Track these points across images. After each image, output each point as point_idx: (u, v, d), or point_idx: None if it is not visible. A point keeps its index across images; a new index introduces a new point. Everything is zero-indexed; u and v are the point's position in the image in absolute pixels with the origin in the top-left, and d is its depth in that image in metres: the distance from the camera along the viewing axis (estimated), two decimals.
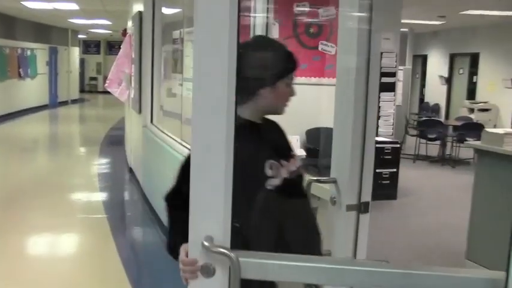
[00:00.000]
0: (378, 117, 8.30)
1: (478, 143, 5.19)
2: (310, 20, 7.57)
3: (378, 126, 8.29)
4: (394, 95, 8.55)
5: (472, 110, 14.78)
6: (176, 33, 5.62)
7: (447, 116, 16.90)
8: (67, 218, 6.66)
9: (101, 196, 7.86)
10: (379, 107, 8.30)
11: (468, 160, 11.47)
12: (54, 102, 21.10)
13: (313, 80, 7.98)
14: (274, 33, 7.39)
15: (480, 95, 15.49)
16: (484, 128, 11.75)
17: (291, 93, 2.15)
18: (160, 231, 5.96)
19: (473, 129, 11.44)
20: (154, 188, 6.59)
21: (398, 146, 7.97)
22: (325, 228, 2.50)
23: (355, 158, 2.44)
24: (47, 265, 5.23)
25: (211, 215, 1.66)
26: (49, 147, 13.39)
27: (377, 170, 7.69)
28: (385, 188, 7.77)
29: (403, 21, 9.56)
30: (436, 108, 17.65)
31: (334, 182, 2.52)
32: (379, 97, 8.31)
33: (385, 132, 8.32)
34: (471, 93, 16.07)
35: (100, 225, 6.35)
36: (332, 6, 7.11)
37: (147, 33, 7.08)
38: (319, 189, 2.71)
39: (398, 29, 8.53)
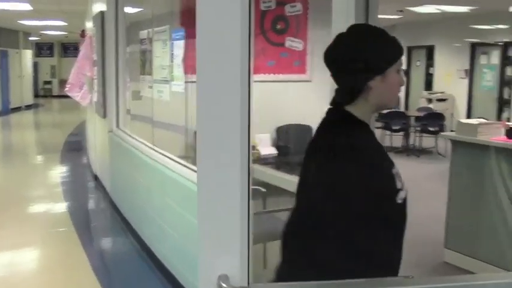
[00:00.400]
0: None
1: (453, 133, 5.23)
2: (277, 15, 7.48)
3: None
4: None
5: (430, 100, 15.04)
6: (144, 33, 5.45)
7: (407, 107, 17.09)
8: (32, 234, 6.26)
9: (66, 206, 7.47)
10: None
11: (431, 149, 11.69)
12: (6, 109, 20.32)
13: (281, 76, 7.90)
14: None
15: (437, 86, 15.82)
16: (444, 117, 11.95)
17: (401, 81, 1.90)
18: (132, 238, 5.80)
19: (435, 119, 11.62)
20: (123, 196, 6.41)
21: None
22: None
23: None
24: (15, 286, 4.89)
25: (226, 250, 1.42)
26: (4, 157, 12.34)
27: None
28: None
29: None
30: None
31: None
32: None
33: None
34: (428, 84, 16.36)
35: (68, 237, 6.03)
36: (298, 2, 7.03)
37: (110, 34, 6.88)
38: None
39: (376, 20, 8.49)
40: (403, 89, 17.24)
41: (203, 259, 1.45)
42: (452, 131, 13.23)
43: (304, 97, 7.62)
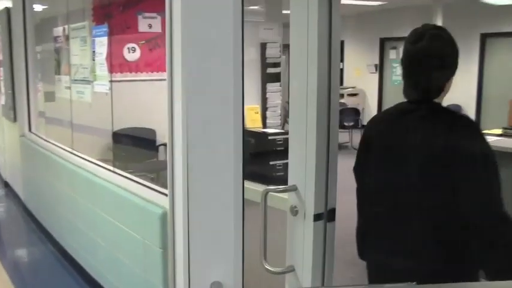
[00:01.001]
0: (266, 109, 8.16)
1: None
2: None
3: (266, 118, 8.15)
4: (280, 86, 8.43)
5: (342, 96, 15.18)
6: (58, 31, 5.08)
7: None
8: None
9: None
10: (266, 98, 8.17)
11: (346, 144, 11.79)
12: None
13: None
14: (156, 27, 6.99)
15: (347, 81, 15.98)
16: (359, 112, 12.12)
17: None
18: (51, 246, 5.43)
19: (350, 114, 11.75)
20: (40, 203, 6.01)
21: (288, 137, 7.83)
22: (284, 241, 2.28)
23: (319, 161, 2.19)
24: None
25: (219, 257, 1.42)
26: None
27: (270, 163, 7.52)
28: (280, 180, 7.60)
29: None
30: None
31: (295, 189, 2.28)
32: (266, 88, 8.18)
33: (274, 124, 8.19)
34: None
35: None
36: None
37: (18, 32, 6.44)
38: (275, 199, 2.44)
39: (280, 19, 8.41)
40: None
41: (195, 267, 1.44)
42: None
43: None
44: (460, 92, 12.75)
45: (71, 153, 4.93)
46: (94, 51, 4.14)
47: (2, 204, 7.71)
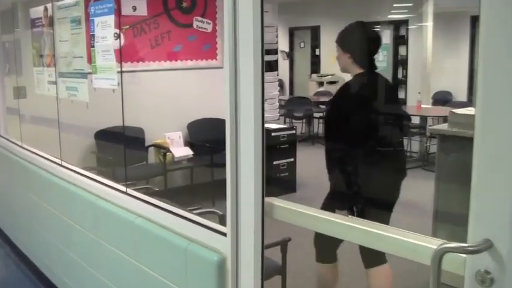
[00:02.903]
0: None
1: (442, 126, 4.38)
2: None
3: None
4: (277, 75, 7.53)
5: (321, 84, 14.39)
6: (37, 11, 4.04)
7: (292, 92, 16.41)
8: None
9: None
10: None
11: None
12: None
13: (190, 63, 6.72)
14: (142, 10, 6.02)
15: (324, 68, 15.17)
16: None
17: None
18: (32, 276, 4.44)
19: None
20: (11, 217, 4.97)
21: (293, 132, 6.97)
22: None
23: None
24: None
25: None
26: None
27: (274, 162, 6.67)
28: (284, 182, 6.78)
29: None
30: (280, 84, 17.07)
31: (489, 247, 1.43)
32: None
33: (272, 118, 7.29)
34: (315, 67, 15.69)
35: None
36: None
37: None
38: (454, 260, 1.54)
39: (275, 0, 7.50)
40: (285, 73, 16.64)
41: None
42: None
43: (216, 86, 6.50)
44: (451, 78, 12.13)
45: (60, 165, 3.92)
46: (93, 35, 3.14)
47: None
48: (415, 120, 8.91)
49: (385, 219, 3.19)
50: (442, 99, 11.68)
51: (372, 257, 3.25)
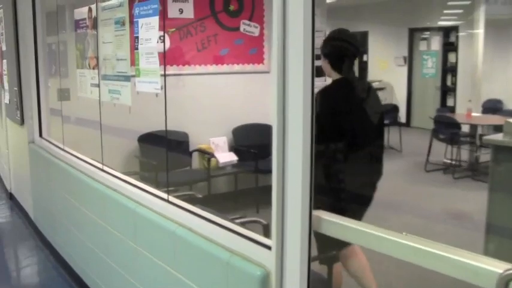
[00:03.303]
0: None
1: (498, 136, 4.16)
2: None
3: None
4: (325, 80, 7.38)
5: None
6: (81, 13, 3.99)
7: None
8: None
9: None
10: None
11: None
12: None
13: (236, 67, 6.62)
14: (188, 13, 5.95)
15: (372, 74, 14.94)
16: (398, 109, 11.08)
17: None
18: (70, 281, 4.39)
19: (389, 111, 10.71)
20: (54, 225, 4.93)
21: None
22: None
23: None
24: None
25: None
26: None
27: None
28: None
29: None
30: None
31: None
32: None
33: None
34: (362, 73, 15.47)
35: None
36: None
37: (26, 18, 5.37)
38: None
39: (324, 3, 7.36)
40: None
41: None
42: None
43: (262, 91, 6.38)
44: (501, 87, 11.76)
45: (101, 169, 3.85)
46: (137, 37, 3.06)
47: (6, 219, 6.58)
48: (465, 128, 8.65)
49: (357, 216, 3.27)
50: (493, 107, 11.33)
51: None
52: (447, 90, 13.07)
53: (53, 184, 4.83)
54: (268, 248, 2.12)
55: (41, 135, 5.41)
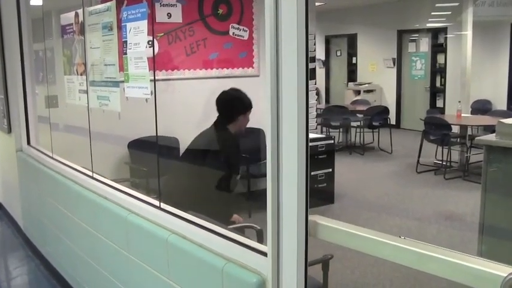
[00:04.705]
0: None
1: (490, 137, 4.14)
2: None
3: None
4: (315, 83, 7.36)
5: (358, 92, 14.19)
6: (68, 17, 3.93)
7: (328, 101, 16.20)
8: None
9: None
10: None
11: (371, 145, 10.86)
12: None
13: (226, 71, 6.57)
14: (177, 17, 5.90)
15: (361, 76, 14.96)
16: (388, 111, 11.08)
17: None
18: (57, 285, 4.33)
19: (379, 113, 10.73)
20: (44, 234, 4.86)
21: (331, 142, 6.77)
22: None
23: None
24: None
25: None
26: None
27: (312, 173, 6.47)
28: (322, 193, 6.59)
29: None
30: (316, 93, 16.88)
31: None
32: None
33: (310, 127, 7.14)
34: (352, 75, 15.46)
35: None
36: None
37: (11, 24, 5.29)
38: None
39: (314, 8, 7.35)
40: (321, 81, 16.40)
41: None
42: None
43: (253, 95, 6.34)
44: (490, 87, 11.79)
45: (91, 177, 3.79)
46: (126, 42, 3.01)
47: None
48: (455, 129, 8.67)
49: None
50: (482, 108, 11.37)
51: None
52: (436, 92, 13.10)
53: (43, 193, 4.76)
54: (264, 254, 2.07)
55: (29, 143, 5.34)
